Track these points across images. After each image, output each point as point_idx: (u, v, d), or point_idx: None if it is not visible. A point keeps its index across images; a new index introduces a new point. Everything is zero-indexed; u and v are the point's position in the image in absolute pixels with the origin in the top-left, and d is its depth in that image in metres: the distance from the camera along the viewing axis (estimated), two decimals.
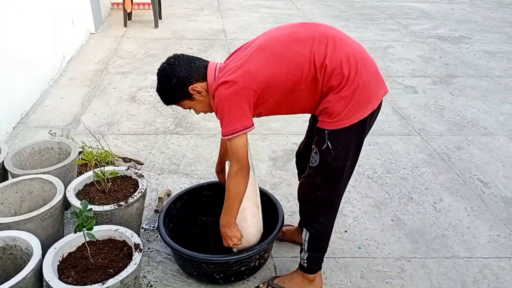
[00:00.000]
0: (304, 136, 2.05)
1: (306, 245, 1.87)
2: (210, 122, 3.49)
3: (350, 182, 2.73)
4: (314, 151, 1.68)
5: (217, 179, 2.25)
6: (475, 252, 2.27)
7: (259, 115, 1.73)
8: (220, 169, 2.18)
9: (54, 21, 4.32)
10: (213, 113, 1.76)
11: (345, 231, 2.38)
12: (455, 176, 2.91)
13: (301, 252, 1.92)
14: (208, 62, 1.74)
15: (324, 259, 2.16)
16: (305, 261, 1.90)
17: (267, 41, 1.63)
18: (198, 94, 1.71)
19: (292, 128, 3.47)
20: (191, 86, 1.68)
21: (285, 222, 2.22)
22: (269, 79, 1.57)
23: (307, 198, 1.80)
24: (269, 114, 1.76)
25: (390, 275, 2.11)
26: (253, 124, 1.61)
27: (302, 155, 2.03)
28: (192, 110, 1.81)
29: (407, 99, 4.12)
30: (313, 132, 1.73)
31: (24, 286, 1.62)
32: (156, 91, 1.79)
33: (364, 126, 1.64)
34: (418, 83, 4.48)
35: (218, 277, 1.93)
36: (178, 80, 1.68)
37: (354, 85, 1.55)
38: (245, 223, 1.85)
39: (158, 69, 1.74)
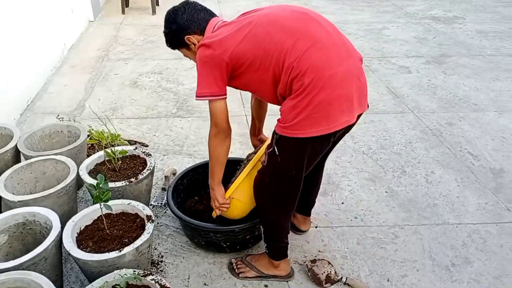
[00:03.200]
0: None
1: (262, 236, 1.95)
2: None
3: (346, 158, 2.93)
4: (265, 151, 1.72)
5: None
6: (464, 219, 2.42)
7: (237, 88, 1.76)
8: (253, 132, 2.21)
9: (53, 9, 4.40)
10: None
11: (342, 203, 2.52)
12: (446, 150, 3.05)
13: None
14: (213, 17, 1.76)
15: (322, 228, 2.33)
16: (266, 249, 1.96)
17: (259, 17, 1.62)
18: (193, 46, 1.75)
19: None
20: (187, 36, 1.73)
21: None
22: (240, 56, 1.58)
23: (258, 193, 1.83)
24: (246, 90, 1.78)
25: (384, 241, 2.26)
26: (222, 94, 1.63)
27: None
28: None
29: (401, 78, 4.24)
30: None
31: (47, 256, 1.76)
32: (163, 32, 1.83)
33: (315, 144, 1.59)
34: (412, 63, 4.60)
35: (224, 245, 2.07)
36: (177, 27, 1.73)
37: (310, 98, 1.47)
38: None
39: (167, 11, 1.78)
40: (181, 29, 1.73)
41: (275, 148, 1.63)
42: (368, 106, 1.71)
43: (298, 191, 1.78)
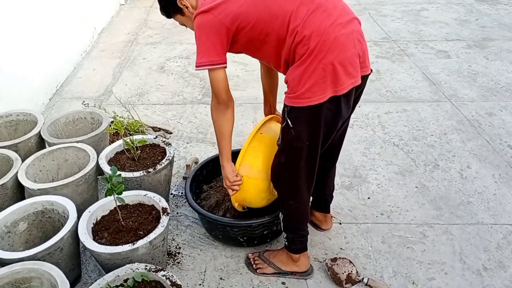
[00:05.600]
0: None
1: (282, 224, 1.87)
2: (236, 92, 3.53)
3: (374, 150, 2.79)
4: (281, 128, 1.66)
5: (241, 147, 2.29)
6: (500, 219, 2.25)
7: (238, 52, 1.71)
8: (267, 111, 2.14)
9: None
10: (239, 83, 1.74)
11: (368, 198, 2.41)
12: (485, 143, 2.85)
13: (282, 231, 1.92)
14: None
15: (346, 224, 2.23)
16: (285, 240, 1.90)
17: None
18: (186, 9, 1.69)
19: None
20: None
21: None
22: (242, 19, 1.53)
23: (276, 178, 1.78)
24: (247, 54, 1.73)
25: (411, 240, 2.14)
26: (222, 62, 1.57)
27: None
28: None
29: (439, 64, 4.00)
30: None
31: (62, 246, 1.76)
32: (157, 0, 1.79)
33: (326, 110, 1.54)
34: (451, 47, 4.33)
35: (242, 240, 2.01)
36: None
37: (316, 62, 1.46)
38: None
39: None
40: None
41: (288, 120, 1.58)
42: (371, 70, 1.67)
43: (315, 165, 1.71)
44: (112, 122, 2.65)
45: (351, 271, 1.91)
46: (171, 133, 3.05)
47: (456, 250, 2.08)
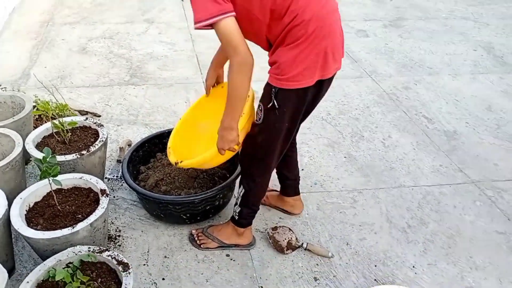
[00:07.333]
0: None
1: (240, 200, 1.90)
2: (166, 72, 3.47)
3: (305, 125, 2.87)
4: (260, 108, 1.64)
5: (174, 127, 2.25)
6: (419, 181, 2.48)
7: None
8: (211, 76, 1.94)
9: None
10: (168, 63, 1.65)
11: (302, 169, 2.52)
12: (402, 114, 3.10)
13: (235, 205, 1.94)
14: None
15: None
16: (237, 214, 1.93)
17: None
18: None
19: None
20: None
21: (269, 187, 2.09)
22: None
23: (248, 157, 1.81)
24: None
25: (343, 205, 2.29)
26: (232, 10, 1.43)
27: None
28: None
29: (359, 43, 4.23)
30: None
31: None
32: None
33: (311, 93, 1.59)
34: (369, 27, 4.59)
35: (184, 217, 2.03)
36: None
37: (311, 47, 1.49)
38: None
39: None
40: None
41: (274, 101, 1.58)
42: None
43: (288, 146, 1.77)
44: (34, 106, 2.50)
45: (291, 237, 2.01)
46: (99, 116, 2.94)
47: (383, 211, 2.27)
